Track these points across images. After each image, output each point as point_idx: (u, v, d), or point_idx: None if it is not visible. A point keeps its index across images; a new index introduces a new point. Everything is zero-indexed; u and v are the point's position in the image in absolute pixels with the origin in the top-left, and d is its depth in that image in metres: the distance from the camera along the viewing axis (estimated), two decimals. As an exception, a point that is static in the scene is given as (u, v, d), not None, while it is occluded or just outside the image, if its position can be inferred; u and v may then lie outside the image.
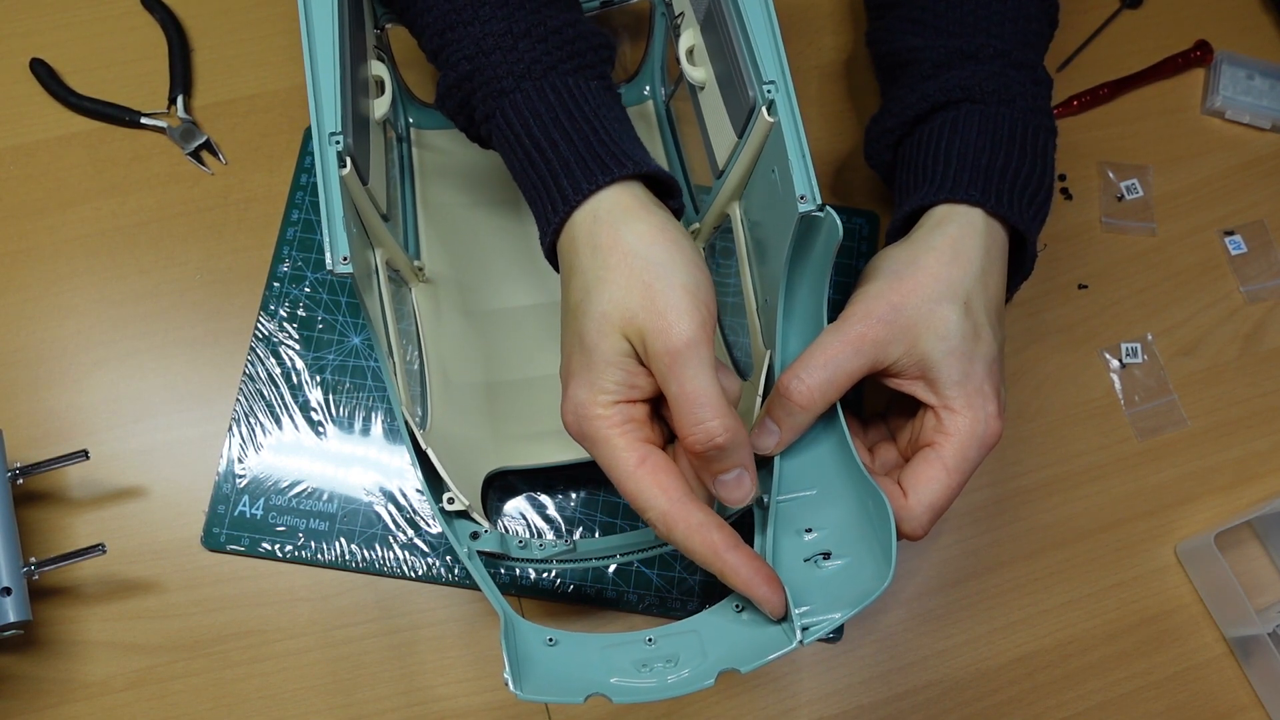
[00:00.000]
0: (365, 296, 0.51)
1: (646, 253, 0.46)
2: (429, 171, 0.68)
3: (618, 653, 0.48)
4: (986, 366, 0.52)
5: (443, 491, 0.53)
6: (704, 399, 0.45)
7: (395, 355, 0.56)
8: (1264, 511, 0.63)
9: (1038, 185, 0.56)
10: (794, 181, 0.48)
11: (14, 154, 0.68)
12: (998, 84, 0.57)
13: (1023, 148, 0.56)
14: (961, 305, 0.52)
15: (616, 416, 0.47)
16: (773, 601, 0.46)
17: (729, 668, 0.45)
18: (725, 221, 0.61)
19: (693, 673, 0.46)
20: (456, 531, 0.53)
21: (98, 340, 0.65)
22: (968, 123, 0.57)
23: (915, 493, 0.52)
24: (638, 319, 0.46)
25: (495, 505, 0.63)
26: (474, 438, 0.60)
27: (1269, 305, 0.71)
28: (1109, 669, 0.63)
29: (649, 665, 0.47)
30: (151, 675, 0.59)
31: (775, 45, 0.51)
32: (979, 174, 0.55)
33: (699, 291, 0.46)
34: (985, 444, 0.52)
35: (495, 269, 0.66)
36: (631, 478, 0.46)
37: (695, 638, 0.49)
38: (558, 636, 0.49)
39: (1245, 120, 0.74)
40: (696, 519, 0.46)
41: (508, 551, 0.54)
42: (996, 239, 0.55)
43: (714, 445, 0.45)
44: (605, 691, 0.45)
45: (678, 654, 0.48)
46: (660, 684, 0.46)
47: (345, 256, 0.47)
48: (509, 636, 0.47)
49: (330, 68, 0.49)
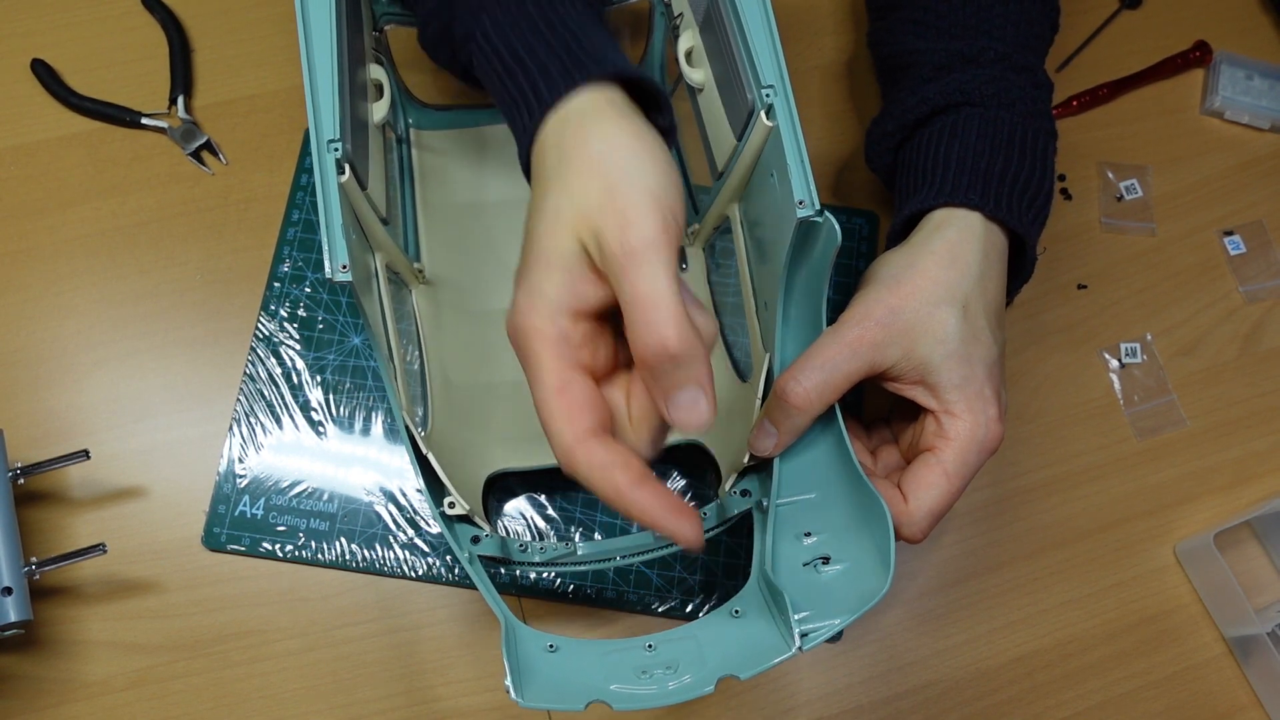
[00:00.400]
0: (364, 301, 0.51)
1: (612, 155, 0.42)
2: (429, 173, 0.68)
3: (618, 659, 0.48)
4: (986, 370, 0.52)
5: (444, 495, 0.53)
6: (659, 303, 0.40)
7: (395, 358, 0.56)
8: (1263, 511, 0.63)
9: (1037, 189, 0.56)
10: (792, 187, 0.48)
11: (14, 154, 0.68)
12: (997, 87, 0.57)
13: (1022, 151, 0.56)
14: (960, 308, 0.52)
15: (551, 331, 0.42)
16: (685, 533, 0.42)
17: (728, 674, 0.46)
18: (725, 223, 0.61)
19: (693, 679, 0.46)
20: (458, 535, 0.53)
21: (98, 340, 0.65)
22: (967, 126, 0.57)
23: (915, 497, 0.52)
24: (593, 217, 0.41)
25: (495, 507, 0.63)
26: (474, 439, 0.60)
27: (1268, 305, 0.71)
28: (1108, 669, 0.63)
29: (649, 672, 0.47)
30: (152, 675, 0.59)
31: (774, 49, 0.50)
32: (978, 178, 0.55)
33: (664, 196, 0.42)
34: (985, 448, 0.52)
35: (496, 270, 0.66)
36: (545, 404, 0.42)
37: (694, 643, 0.49)
38: (558, 643, 0.49)
39: (1244, 120, 0.74)
40: (599, 458, 0.41)
41: (509, 555, 0.54)
42: (995, 243, 0.55)
43: (667, 354, 0.40)
44: (606, 699, 0.45)
45: (678, 660, 0.48)
46: (661, 691, 0.46)
47: (344, 265, 0.47)
48: (510, 643, 0.47)
49: (328, 74, 0.49)
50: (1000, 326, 0.55)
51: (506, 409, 0.62)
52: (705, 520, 0.54)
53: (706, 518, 0.55)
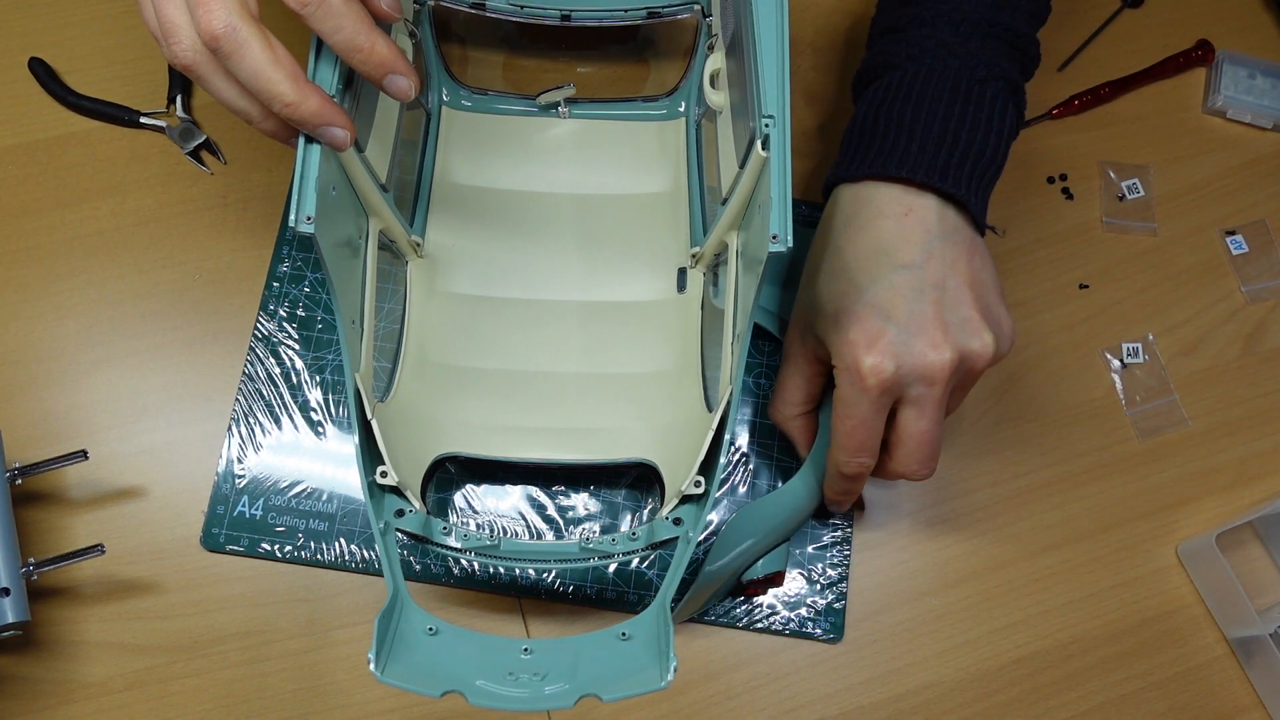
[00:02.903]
0: (329, 260, 0.51)
1: None
2: (451, 151, 0.68)
3: (492, 656, 0.48)
4: (848, 311, 0.54)
5: (377, 464, 0.53)
6: None
7: (366, 323, 0.56)
8: (1265, 512, 0.63)
9: (880, 134, 0.58)
10: (770, 219, 0.48)
11: (13, 153, 0.68)
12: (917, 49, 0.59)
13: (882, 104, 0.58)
14: (826, 272, 0.56)
15: None
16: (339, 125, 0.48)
17: (591, 693, 0.45)
18: (726, 250, 0.60)
19: (555, 691, 0.46)
20: (382, 505, 0.53)
21: (96, 340, 0.64)
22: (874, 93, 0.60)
23: None
24: None
25: (446, 497, 0.63)
26: (435, 418, 0.60)
27: (1270, 305, 0.71)
28: (1110, 670, 0.63)
29: (516, 675, 0.47)
30: (151, 676, 0.59)
31: (782, 80, 0.50)
32: (844, 148, 0.59)
33: None
34: (858, 379, 0.53)
35: (503, 258, 0.65)
36: None
37: (572, 656, 0.49)
38: (439, 627, 0.49)
39: (1247, 120, 0.74)
40: None
41: (430, 535, 0.54)
42: (855, 194, 0.57)
43: None
44: (465, 691, 0.45)
45: (549, 669, 0.47)
46: (520, 695, 0.46)
47: (309, 216, 0.47)
48: (389, 617, 0.47)
49: None
50: (879, 265, 0.55)
51: (474, 395, 0.62)
52: (636, 540, 0.54)
53: (638, 538, 0.54)
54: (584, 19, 0.65)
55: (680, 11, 0.65)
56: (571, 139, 0.69)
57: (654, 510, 0.63)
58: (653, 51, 0.73)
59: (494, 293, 0.64)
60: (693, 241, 0.65)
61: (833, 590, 0.63)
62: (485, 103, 0.69)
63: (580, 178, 0.68)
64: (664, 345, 0.63)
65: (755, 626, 0.62)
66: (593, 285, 0.65)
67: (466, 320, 0.64)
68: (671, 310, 0.64)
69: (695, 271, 0.64)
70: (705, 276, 0.64)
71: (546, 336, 0.63)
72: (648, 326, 0.64)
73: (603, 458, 0.60)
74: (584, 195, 0.67)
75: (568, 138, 0.69)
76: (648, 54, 0.73)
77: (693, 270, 0.64)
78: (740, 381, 0.52)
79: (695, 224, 0.65)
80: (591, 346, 0.63)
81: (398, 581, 0.49)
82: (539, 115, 0.69)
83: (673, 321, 0.64)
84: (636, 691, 0.46)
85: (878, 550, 0.64)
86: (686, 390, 0.61)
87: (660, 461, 0.59)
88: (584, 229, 0.66)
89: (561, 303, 0.64)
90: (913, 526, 0.65)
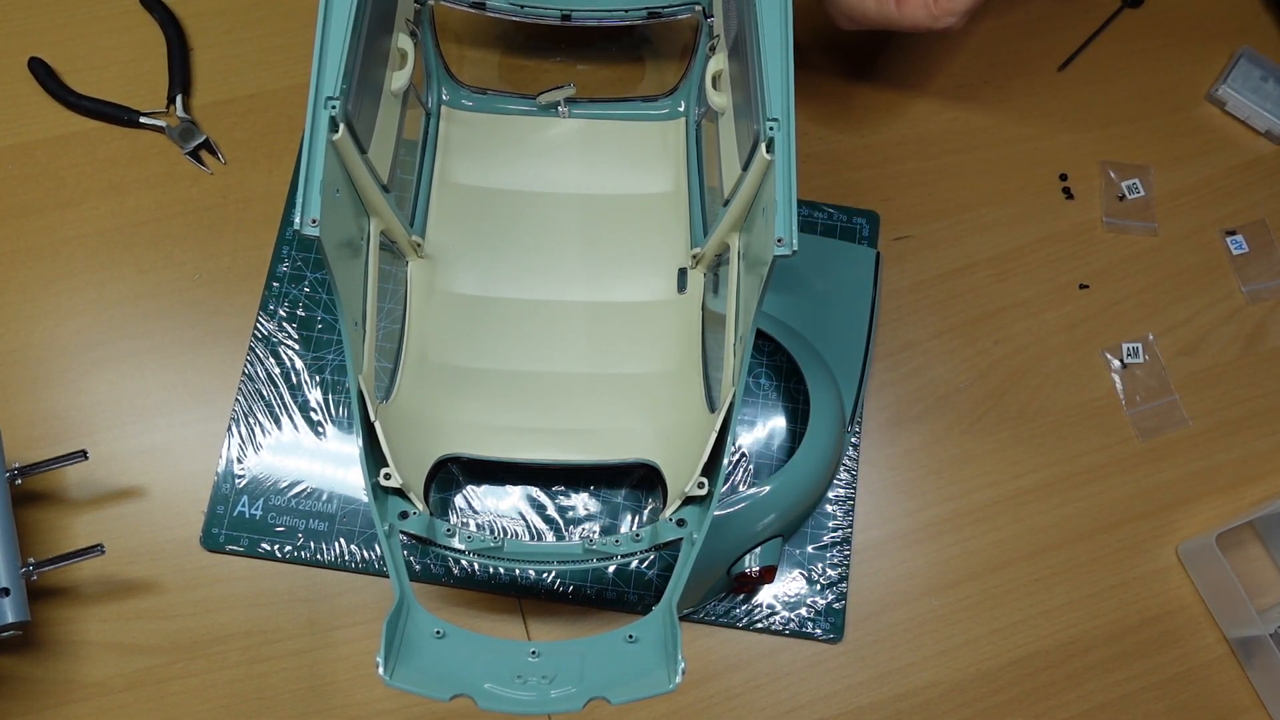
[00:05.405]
0: (333, 262, 0.51)
1: None
2: (451, 151, 0.68)
3: (499, 659, 0.48)
4: None
5: (381, 466, 0.52)
6: None
7: (368, 324, 0.56)
8: (1265, 512, 0.63)
9: None
10: (776, 222, 0.48)
11: (12, 153, 0.68)
12: None
13: None
14: None
15: None
16: None
17: (599, 696, 0.45)
18: (727, 251, 0.60)
19: (563, 694, 0.46)
20: (386, 508, 0.53)
21: (96, 340, 0.64)
22: None
23: None
24: None
25: (447, 496, 0.63)
26: (436, 419, 0.60)
27: (1270, 305, 0.71)
28: (1110, 670, 0.63)
29: (524, 678, 0.47)
30: (150, 676, 0.59)
31: (786, 83, 0.50)
32: None
33: None
34: None
35: (504, 259, 0.65)
36: None
37: (579, 659, 0.49)
38: (446, 630, 0.49)
39: (1244, 117, 0.74)
40: None
41: (433, 537, 0.54)
42: None
43: None
44: (474, 695, 0.45)
45: (556, 672, 0.47)
46: (528, 698, 0.46)
47: (314, 219, 0.47)
48: (397, 621, 0.47)
49: (341, 33, 0.50)
50: None
51: (475, 395, 0.61)
52: (640, 541, 0.54)
53: (641, 539, 0.54)
54: (584, 19, 0.65)
55: (681, 12, 0.65)
56: (571, 139, 0.69)
57: (654, 511, 0.63)
58: (652, 51, 0.73)
59: (493, 293, 0.64)
60: (693, 242, 0.65)
61: (833, 590, 0.63)
62: (485, 102, 0.69)
63: (580, 177, 0.68)
64: (665, 345, 0.63)
65: (755, 627, 0.62)
66: (592, 285, 0.65)
67: (467, 320, 0.64)
68: (672, 311, 0.64)
69: (696, 272, 0.64)
70: (706, 277, 0.64)
71: (546, 336, 0.63)
72: (648, 327, 0.64)
73: (605, 458, 0.60)
74: (584, 195, 0.67)
75: (568, 137, 0.69)
76: (647, 54, 0.73)
77: (693, 271, 0.64)
78: (743, 383, 0.52)
79: (696, 224, 0.65)
80: (592, 346, 0.63)
81: (404, 584, 0.49)
82: (539, 115, 0.69)
83: (673, 322, 0.64)
84: (645, 694, 0.46)
85: (878, 550, 0.64)
86: (688, 391, 0.60)
87: (662, 462, 0.59)
88: (584, 229, 0.66)
89: (561, 303, 0.64)
90: (913, 526, 0.65)
